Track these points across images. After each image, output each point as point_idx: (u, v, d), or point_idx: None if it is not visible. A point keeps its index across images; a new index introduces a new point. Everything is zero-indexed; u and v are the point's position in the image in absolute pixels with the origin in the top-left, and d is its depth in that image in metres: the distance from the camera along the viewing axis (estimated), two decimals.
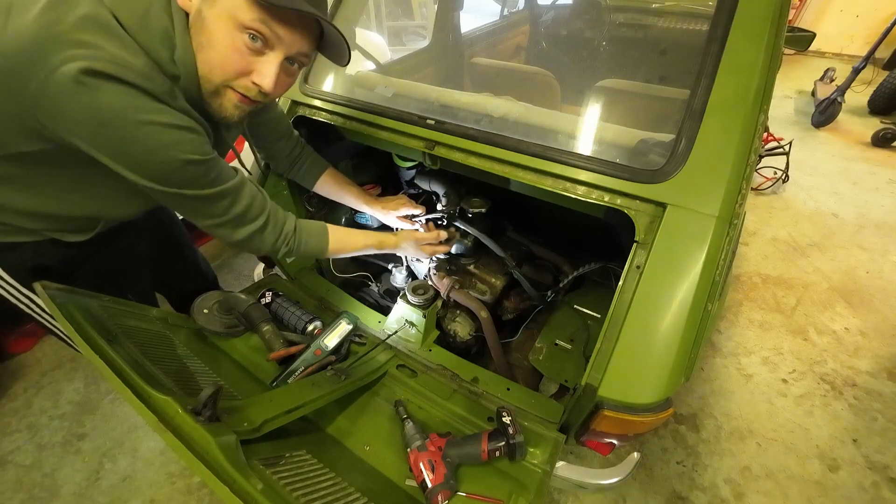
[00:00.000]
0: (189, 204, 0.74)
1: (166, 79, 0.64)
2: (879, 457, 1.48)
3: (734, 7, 0.84)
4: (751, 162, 0.81)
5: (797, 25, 5.04)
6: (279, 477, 0.62)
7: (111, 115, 0.59)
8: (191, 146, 0.67)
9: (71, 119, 0.59)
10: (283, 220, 0.87)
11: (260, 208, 0.82)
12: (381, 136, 1.08)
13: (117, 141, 0.62)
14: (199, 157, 0.69)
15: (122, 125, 0.60)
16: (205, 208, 0.75)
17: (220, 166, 0.74)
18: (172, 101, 0.65)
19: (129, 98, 0.59)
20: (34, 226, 0.80)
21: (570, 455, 1.42)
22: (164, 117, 0.63)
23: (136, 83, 0.59)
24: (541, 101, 1.07)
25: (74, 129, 0.60)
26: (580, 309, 1.26)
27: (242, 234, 0.80)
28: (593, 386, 0.75)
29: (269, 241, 0.84)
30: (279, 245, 0.86)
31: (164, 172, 0.67)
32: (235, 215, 0.78)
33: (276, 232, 0.85)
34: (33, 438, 1.51)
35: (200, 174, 0.71)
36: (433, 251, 1.16)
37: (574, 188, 0.87)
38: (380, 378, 1.01)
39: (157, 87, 0.62)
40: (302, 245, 0.90)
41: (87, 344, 0.61)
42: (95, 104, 0.58)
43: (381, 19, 4.32)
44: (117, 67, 0.57)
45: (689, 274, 0.75)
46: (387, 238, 1.08)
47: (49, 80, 0.55)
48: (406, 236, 1.11)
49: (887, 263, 2.29)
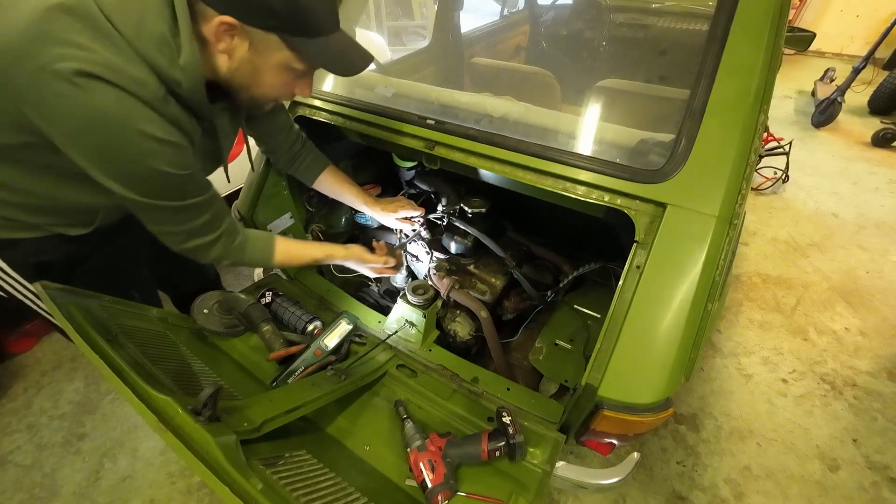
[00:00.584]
0: (149, 211, 0.73)
1: (160, 84, 0.64)
2: (879, 457, 1.48)
3: (734, 7, 0.84)
4: (751, 162, 0.81)
5: (797, 25, 5.04)
6: (279, 477, 0.62)
7: (100, 118, 0.59)
8: (172, 159, 0.67)
9: (56, 115, 0.59)
10: (234, 235, 0.87)
11: (217, 224, 0.82)
12: (381, 136, 1.08)
13: (99, 144, 0.62)
14: (177, 172, 0.69)
15: (110, 129, 0.60)
16: (163, 216, 0.75)
17: (194, 180, 0.75)
18: (164, 108, 0.65)
19: (121, 103, 0.59)
20: (35, 220, 0.80)
21: (570, 455, 1.42)
22: (152, 128, 0.63)
23: (129, 89, 0.59)
24: (541, 101, 1.07)
25: (57, 125, 0.61)
26: (580, 309, 1.26)
27: (191, 244, 0.81)
28: (593, 386, 0.75)
29: (214, 254, 0.85)
30: (222, 257, 0.87)
31: (138, 181, 0.68)
32: (192, 228, 0.78)
33: (223, 248, 0.85)
34: (33, 438, 1.51)
35: (174, 187, 0.71)
36: (379, 272, 1.19)
37: (574, 188, 0.87)
38: (380, 378, 1.01)
39: (149, 94, 0.62)
40: (246, 258, 0.91)
41: (87, 344, 0.61)
42: (87, 105, 0.58)
43: (381, 19, 4.33)
44: (110, 72, 0.57)
45: (689, 274, 0.75)
46: (336, 250, 1.09)
47: (39, 76, 0.55)
48: (355, 253, 1.11)
49: (887, 263, 2.29)
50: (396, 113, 1.07)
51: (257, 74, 0.72)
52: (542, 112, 1.04)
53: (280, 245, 0.97)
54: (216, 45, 0.66)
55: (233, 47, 0.67)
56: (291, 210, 1.33)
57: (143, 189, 0.69)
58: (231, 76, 0.71)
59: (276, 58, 0.70)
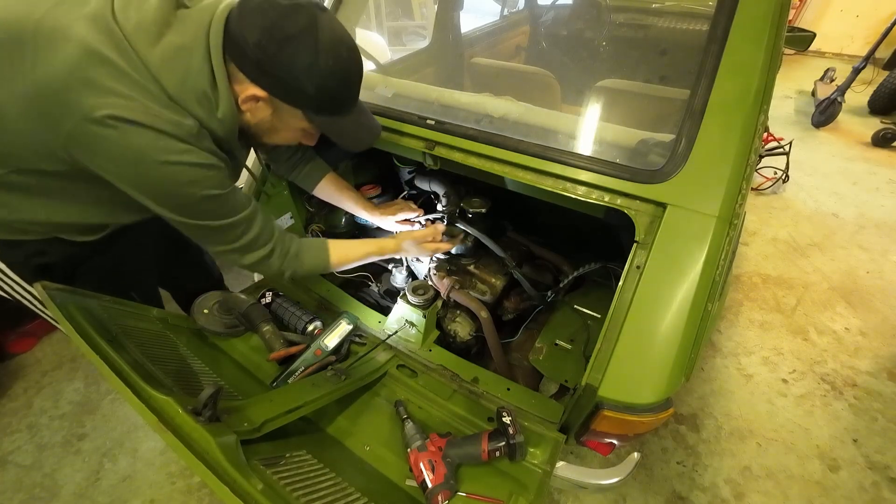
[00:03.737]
0: (204, 232, 0.78)
1: (196, 123, 0.68)
2: (880, 457, 1.48)
3: (734, 7, 0.84)
4: (751, 162, 0.81)
5: (797, 25, 5.04)
6: (279, 477, 0.62)
7: (139, 154, 0.64)
8: (212, 182, 0.72)
9: (103, 158, 0.65)
10: (287, 245, 0.90)
11: (269, 236, 0.86)
12: (381, 136, 1.08)
13: (144, 178, 0.67)
14: (218, 192, 0.73)
15: (149, 164, 0.65)
16: (218, 236, 0.79)
17: (236, 197, 0.78)
18: (198, 143, 0.69)
19: (157, 140, 0.64)
20: (43, 229, 0.82)
21: (570, 455, 1.42)
22: (188, 157, 0.67)
23: (165, 130, 0.64)
24: (541, 102, 1.07)
25: (105, 166, 0.66)
26: (580, 309, 1.26)
27: (251, 259, 0.84)
28: (593, 386, 0.75)
29: (275, 266, 0.88)
30: (284, 268, 0.90)
31: (185, 206, 0.72)
32: (246, 243, 0.82)
33: (281, 258, 0.89)
34: (33, 438, 1.51)
35: (218, 206, 0.75)
36: (435, 248, 1.15)
37: (574, 188, 0.87)
38: (380, 378, 1.01)
39: (184, 132, 0.66)
40: (305, 266, 0.93)
41: (87, 344, 0.61)
42: (127, 146, 0.63)
43: (381, 19, 4.32)
44: (147, 116, 0.62)
45: (689, 274, 0.75)
46: (387, 243, 1.09)
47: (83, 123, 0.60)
48: (405, 237, 1.11)
49: (887, 263, 2.29)
50: (396, 113, 1.07)
51: (273, 131, 0.80)
52: (542, 112, 1.04)
53: (333, 247, 0.98)
54: (241, 105, 0.72)
55: (256, 109, 0.73)
56: (291, 210, 1.33)
57: (192, 212, 0.74)
58: (248, 127, 0.78)
59: (295, 125, 0.79)
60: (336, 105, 0.76)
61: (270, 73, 0.67)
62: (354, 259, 1.03)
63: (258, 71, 0.68)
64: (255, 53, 0.66)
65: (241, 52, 0.66)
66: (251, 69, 0.68)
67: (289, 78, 0.68)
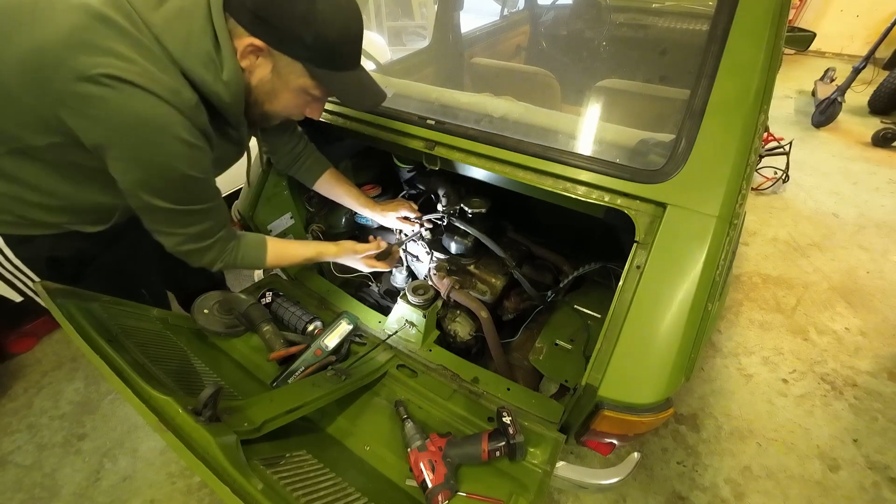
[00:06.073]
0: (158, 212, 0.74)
1: (193, 93, 0.67)
2: (880, 457, 1.48)
3: (734, 7, 0.84)
4: (751, 162, 0.81)
5: (797, 25, 5.04)
6: (279, 477, 0.62)
7: (137, 119, 0.62)
8: (196, 162, 0.70)
9: (95, 116, 0.61)
10: (228, 241, 0.88)
11: (215, 231, 0.83)
12: (381, 136, 1.08)
13: (134, 144, 0.65)
14: (198, 175, 0.72)
15: (145, 131, 0.63)
16: (170, 217, 0.76)
17: (209, 185, 0.77)
18: (195, 116, 0.67)
19: (157, 108, 0.62)
20: (54, 219, 0.82)
21: (570, 455, 1.42)
22: (183, 132, 0.66)
23: (163, 96, 0.62)
24: (541, 102, 1.07)
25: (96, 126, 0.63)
26: (580, 309, 1.26)
27: (186, 247, 0.81)
28: (593, 386, 0.75)
29: (207, 259, 0.85)
30: (214, 262, 0.87)
31: (161, 180, 0.70)
32: (193, 232, 0.80)
33: (216, 252, 0.86)
34: (33, 438, 1.51)
35: (190, 190, 0.74)
36: (371, 265, 1.16)
37: (574, 188, 0.87)
38: (380, 378, 1.01)
39: (182, 102, 0.65)
40: (238, 260, 0.91)
41: (87, 344, 0.61)
42: (125, 107, 0.60)
43: (381, 19, 4.32)
44: (147, 80, 0.60)
45: (689, 274, 0.75)
46: (328, 248, 1.09)
47: (79, 81, 0.58)
48: (346, 248, 1.11)
49: (887, 263, 2.29)
50: (396, 113, 1.07)
51: (274, 94, 0.76)
52: (542, 112, 1.04)
53: (272, 247, 0.97)
54: (242, 62, 0.70)
55: (255, 66, 0.71)
56: (292, 210, 1.33)
57: (162, 191, 0.71)
58: (250, 93, 0.75)
59: (296, 83, 0.74)
60: (337, 59, 0.73)
61: (267, 20, 0.66)
62: (292, 261, 1.04)
63: (256, 20, 0.66)
64: (252, 2, 0.65)
65: (240, 2, 0.66)
66: (249, 20, 0.67)
67: (286, 25, 0.66)
